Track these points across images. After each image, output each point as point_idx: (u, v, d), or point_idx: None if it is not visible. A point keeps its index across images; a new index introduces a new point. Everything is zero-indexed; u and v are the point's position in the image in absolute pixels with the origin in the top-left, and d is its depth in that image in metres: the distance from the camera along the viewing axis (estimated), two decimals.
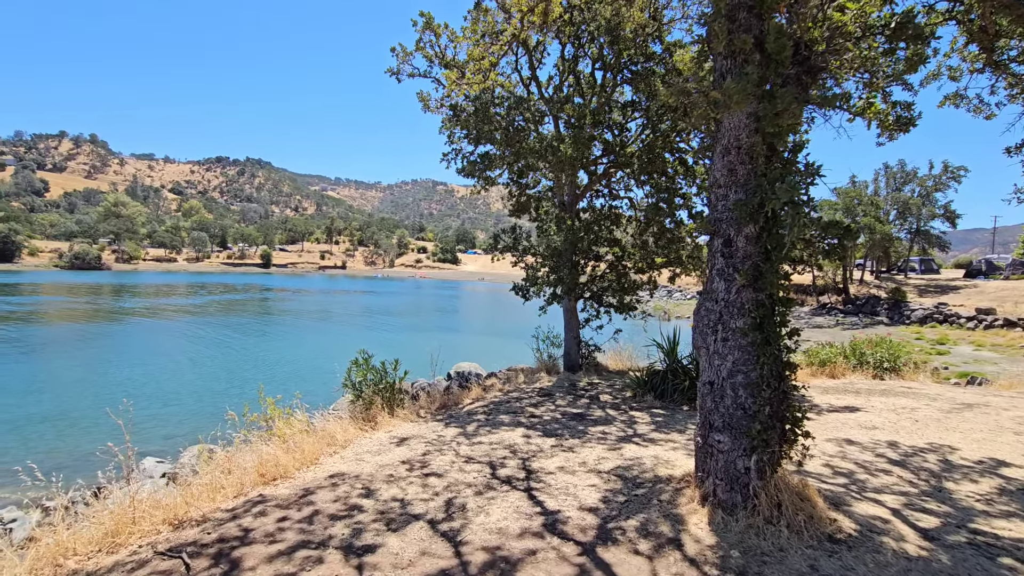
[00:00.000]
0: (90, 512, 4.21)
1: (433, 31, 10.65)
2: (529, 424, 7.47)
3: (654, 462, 5.73)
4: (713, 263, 4.36)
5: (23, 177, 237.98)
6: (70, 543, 3.64)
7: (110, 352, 24.78)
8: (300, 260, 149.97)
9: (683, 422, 7.78)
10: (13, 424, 14.05)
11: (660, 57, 11.19)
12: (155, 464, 8.01)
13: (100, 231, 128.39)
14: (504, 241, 13.91)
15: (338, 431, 6.43)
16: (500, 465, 5.51)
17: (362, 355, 8.62)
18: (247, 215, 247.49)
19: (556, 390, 10.61)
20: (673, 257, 12.27)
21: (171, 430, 14.24)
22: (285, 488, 4.80)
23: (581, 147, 9.32)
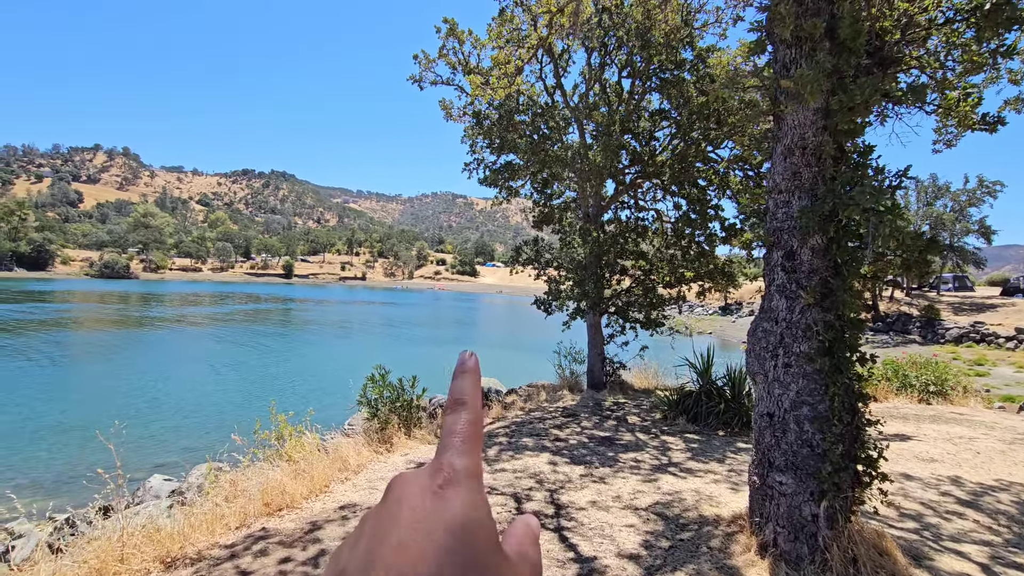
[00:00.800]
0: (77, 546, 3.84)
1: (457, 37, 10.38)
2: (555, 449, 6.95)
3: (696, 498, 5.17)
4: (772, 278, 3.86)
5: (59, 188, 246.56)
6: None
7: (134, 361, 24.90)
8: (321, 271, 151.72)
9: (721, 450, 7.19)
10: (35, 432, 13.98)
11: (691, 63, 10.74)
12: (163, 482, 7.69)
13: (129, 241, 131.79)
14: (526, 253, 13.50)
15: (351, 454, 6.01)
16: (526, 498, 5.02)
17: (378, 371, 8.22)
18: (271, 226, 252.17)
19: (581, 410, 10.07)
20: (704, 272, 11.70)
21: (190, 442, 14.01)
22: (291, 521, 4.38)
23: (610, 155, 8.88)
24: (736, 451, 7.16)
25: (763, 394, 3.87)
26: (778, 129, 3.79)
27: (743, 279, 13.30)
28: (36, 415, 15.48)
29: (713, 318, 55.50)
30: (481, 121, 10.35)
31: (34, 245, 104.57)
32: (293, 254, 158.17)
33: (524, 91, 11.76)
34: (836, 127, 3.46)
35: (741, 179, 10.88)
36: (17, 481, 11.39)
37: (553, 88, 11.97)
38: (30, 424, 14.65)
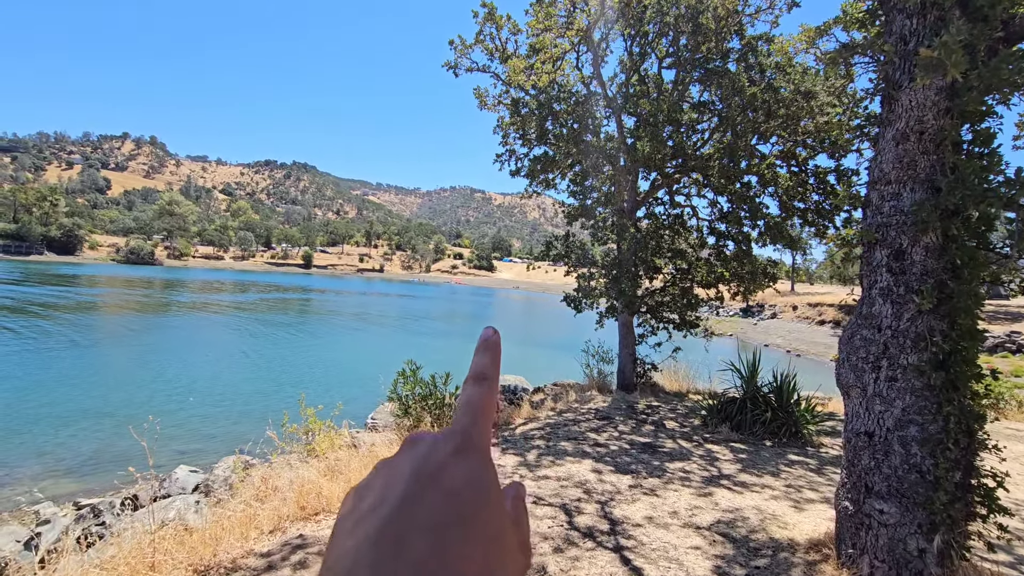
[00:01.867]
0: (105, 549, 3.58)
1: (495, 23, 10.01)
2: (596, 455, 6.58)
3: (759, 517, 4.76)
4: (873, 280, 3.43)
5: (88, 175, 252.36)
6: None
7: (158, 347, 25.12)
8: (340, 262, 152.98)
9: (772, 462, 6.75)
10: (61, 416, 14.04)
11: (740, 53, 10.22)
12: (189, 474, 7.51)
13: (155, 228, 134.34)
14: (556, 249, 13.10)
15: (385, 454, 5.71)
16: (576, 510, 4.66)
17: (409, 366, 7.93)
18: (291, 217, 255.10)
19: (614, 412, 9.67)
20: (745, 272, 11.19)
21: (213, 429, 13.96)
22: (328, 527, 4.08)
23: (658, 145, 8.44)
24: (789, 464, 6.71)
25: (859, 410, 3.44)
26: (888, 112, 3.34)
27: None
28: (62, 399, 15.57)
29: (734, 320, 54.55)
30: (519, 109, 9.97)
31: (64, 230, 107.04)
32: (312, 245, 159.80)
33: (559, 81, 11.36)
34: (963, 109, 3.01)
35: (789, 175, 10.35)
36: (44, 464, 11.40)
37: (590, 79, 11.53)
38: (56, 407, 14.73)
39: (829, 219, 10.65)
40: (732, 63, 10.59)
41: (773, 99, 9.35)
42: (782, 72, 9.62)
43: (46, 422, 13.54)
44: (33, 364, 19.37)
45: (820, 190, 10.81)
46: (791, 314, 50.05)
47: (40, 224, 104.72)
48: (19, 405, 14.52)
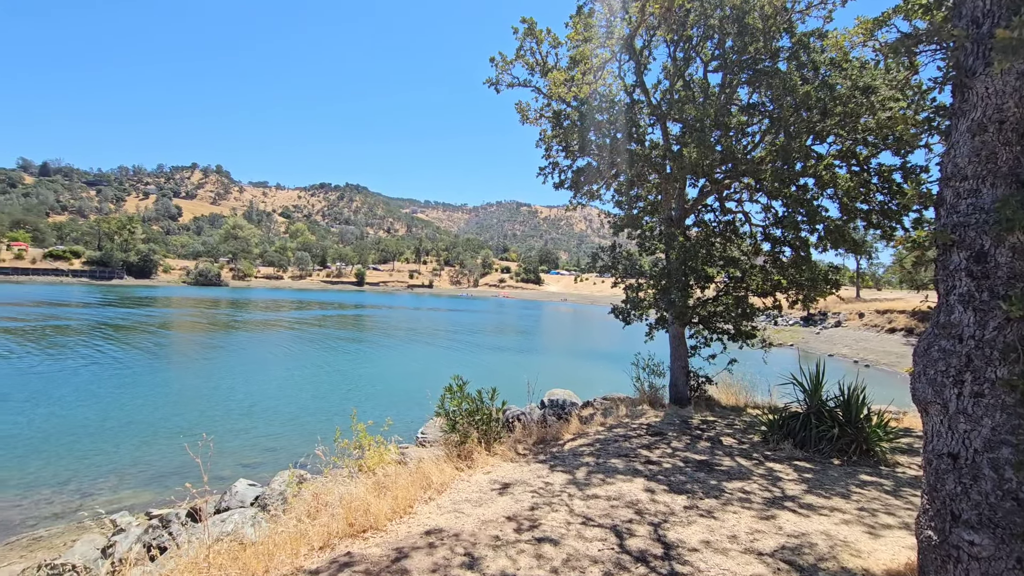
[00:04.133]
0: (165, 563, 3.71)
1: (535, 37, 10.06)
2: (648, 473, 6.33)
3: (829, 543, 4.41)
4: (951, 286, 3.12)
5: (162, 204, 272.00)
6: None
7: (223, 362, 26.47)
8: (391, 279, 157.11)
9: (842, 483, 6.27)
10: (141, 433, 14.95)
11: (791, 51, 9.81)
12: (247, 488, 7.77)
13: (221, 251, 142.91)
14: (603, 260, 12.90)
15: (433, 471, 5.70)
16: (627, 532, 4.46)
17: (456, 381, 7.93)
18: (344, 236, 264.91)
19: (667, 428, 9.32)
20: (804, 279, 10.61)
21: (272, 442, 14.50)
22: (376, 546, 4.08)
23: (705, 151, 8.17)
24: (861, 485, 6.22)
25: (940, 428, 3.12)
26: (961, 102, 3.06)
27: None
28: (141, 415, 16.59)
29: (794, 329, 52.04)
30: (561, 121, 9.93)
31: (141, 255, 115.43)
32: (365, 263, 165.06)
33: (601, 92, 11.26)
34: None
35: (849, 176, 9.78)
36: (123, 476, 12.13)
37: (633, 87, 11.37)
38: (135, 424, 15.70)
39: (896, 220, 9.97)
40: (782, 62, 10.19)
41: (828, 97, 8.89)
42: (837, 68, 9.15)
43: (126, 437, 14.45)
44: (115, 383, 20.81)
45: (885, 190, 10.16)
46: (857, 322, 47.18)
47: (121, 251, 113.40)
48: (103, 421, 15.58)
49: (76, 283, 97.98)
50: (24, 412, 15.98)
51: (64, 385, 19.60)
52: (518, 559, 3.91)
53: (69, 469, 12.24)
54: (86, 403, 17.31)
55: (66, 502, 10.87)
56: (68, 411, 16.35)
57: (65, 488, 11.39)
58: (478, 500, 5.15)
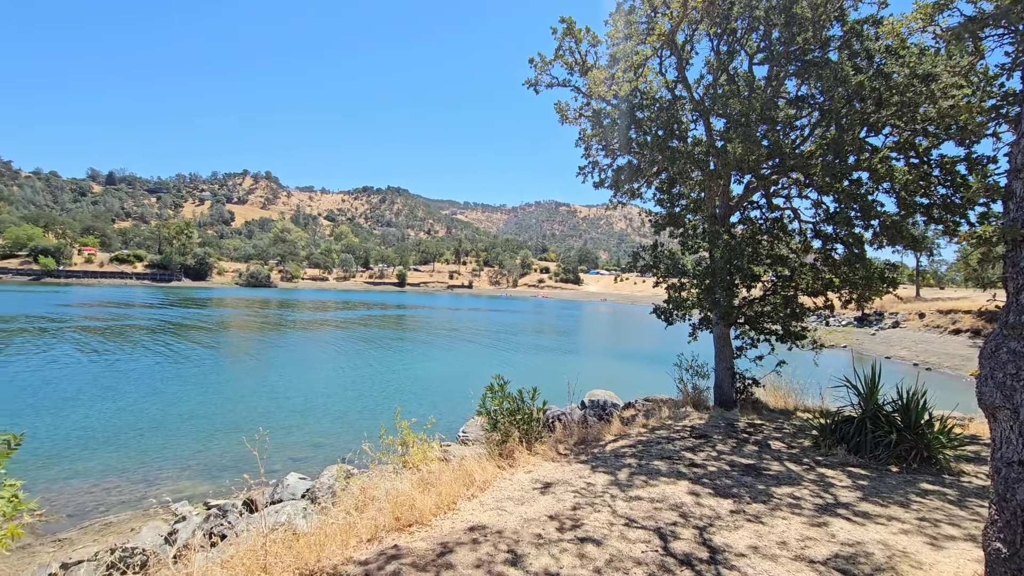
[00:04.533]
0: (226, 549, 3.93)
1: (574, 36, 10.03)
2: (693, 476, 6.22)
3: (886, 553, 4.23)
4: (1021, 284, 2.95)
5: (216, 210, 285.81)
6: None
7: (274, 360, 27.59)
8: (431, 279, 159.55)
9: (900, 490, 5.98)
10: (199, 427, 15.78)
11: (843, 40, 9.42)
12: (298, 481, 8.09)
13: (270, 254, 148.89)
14: (644, 259, 12.72)
15: (476, 469, 5.79)
16: (671, 535, 4.41)
17: (497, 381, 8.01)
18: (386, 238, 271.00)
19: (712, 431, 9.12)
20: (858, 278, 10.15)
21: (319, 438, 15.01)
22: (421, 540, 4.19)
23: (751, 146, 7.95)
24: (922, 493, 5.91)
25: (1010, 435, 2.95)
26: None
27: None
28: (198, 410, 17.49)
29: (847, 330, 49.82)
30: (601, 120, 9.87)
31: (197, 259, 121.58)
32: (406, 264, 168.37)
33: (642, 89, 11.12)
34: None
35: (907, 168, 9.29)
36: (183, 467, 12.84)
37: (675, 83, 11.18)
38: (194, 418, 16.58)
39: (960, 215, 9.40)
40: (833, 52, 9.79)
41: (884, 86, 8.48)
42: (893, 56, 8.72)
43: (186, 431, 15.29)
44: (177, 379, 22.02)
45: (947, 183, 9.59)
46: (917, 322, 44.67)
47: (179, 254, 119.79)
48: (165, 416, 16.52)
49: (139, 285, 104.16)
50: (96, 407, 17.12)
51: (132, 381, 20.88)
52: (561, 558, 3.93)
53: (135, 460, 13.05)
54: (150, 398, 18.39)
55: (132, 490, 11.60)
56: (135, 406, 17.41)
57: (131, 477, 12.15)
58: (520, 498, 5.20)
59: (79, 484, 11.72)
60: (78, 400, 17.68)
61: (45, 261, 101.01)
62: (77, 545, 9.40)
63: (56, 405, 17.01)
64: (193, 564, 3.57)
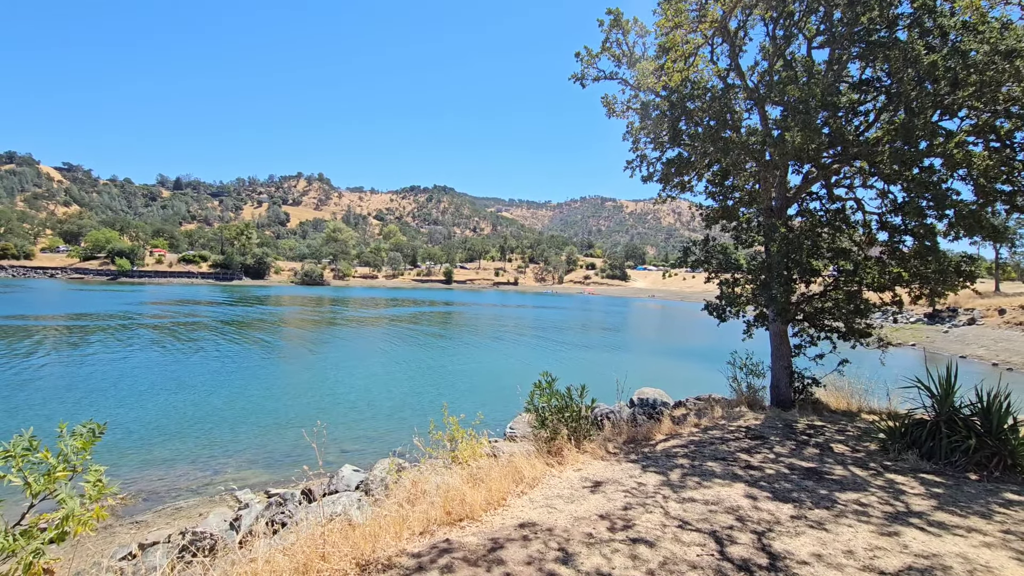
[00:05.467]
0: (287, 536, 4.10)
1: (622, 27, 9.84)
2: (749, 479, 6.00)
3: (967, 567, 3.93)
4: None
5: (272, 211, 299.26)
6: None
7: (328, 355, 28.64)
8: (477, 277, 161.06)
9: (981, 500, 5.56)
10: (261, 419, 16.59)
11: (912, 17, 8.80)
12: (352, 473, 8.36)
13: (323, 253, 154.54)
14: (695, 254, 12.35)
15: (524, 466, 5.80)
16: (727, 539, 4.27)
17: (545, 378, 7.99)
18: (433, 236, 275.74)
19: (768, 431, 8.77)
20: (930, 271, 9.49)
21: (372, 431, 15.50)
22: (472, 535, 4.23)
23: (811, 134, 7.55)
24: (1006, 504, 5.48)
25: None
26: None
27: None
28: (260, 404, 18.38)
29: (916, 327, 46.90)
30: (649, 112, 9.64)
31: (256, 258, 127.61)
32: (452, 261, 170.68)
33: (692, 79, 10.78)
34: None
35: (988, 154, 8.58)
36: (245, 457, 13.52)
37: (727, 71, 10.77)
38: (256, 411, 17.43)
39: None
40: (901, 31, 9.16)
41: (960, 65, 7.86)
42: (971, 32, 8.07)
43: (248, 422, 16.11)
44: (239, 373, 23.22)
45: None
46: (996, 319, 41.46)
47: (239, 254, 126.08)
48: (228, 408, 17.46)
49: (204, 283, 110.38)
50: (168, 399, 18.29)
51: (199, 375, 22.18)
52: (612, 558, 3.88)
53: (202, 450, 13.85)
54: (216, 392, 19.47)
55: (200, 478, 12.32)
56: (202, 398, 18.48)
57: (199, 466, 12.90)
58: (570, 497, 5.17)
59: (153, 471, 12.56)
60: (152, 393, 18.93)
61: (121, 262, 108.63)
62: (152, 527, 10.08)
63: (132, 397, 18.28)
64: (257, 550, 3.74)
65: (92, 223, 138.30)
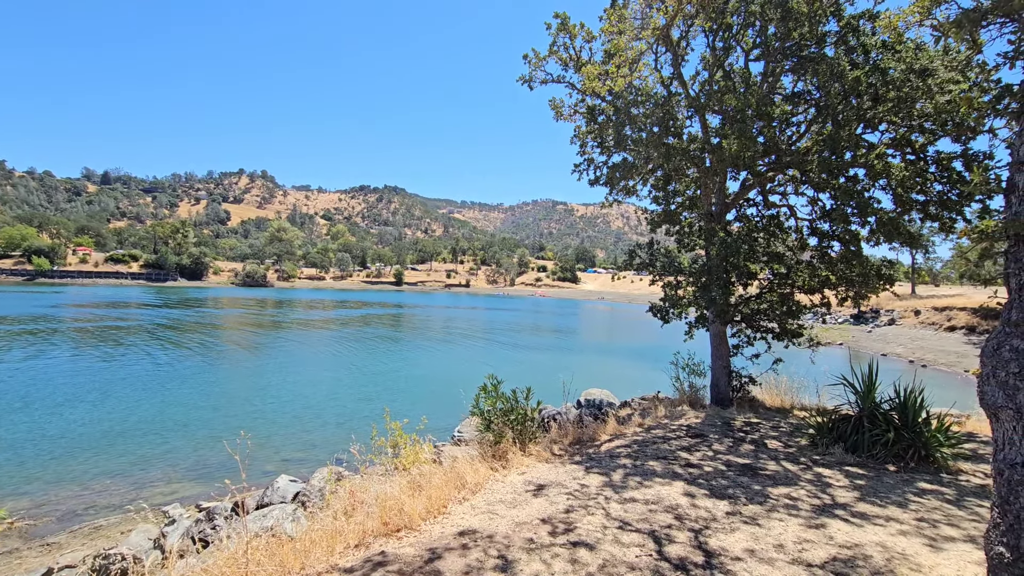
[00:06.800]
0: (207, 557, 3.81)
1: (568, 32, 9.91)
2: (688, 477, 6.13)
3: (885, 556, 4.14)
4: None
5: (212, 209, 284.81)
6: None
7: (269, 359, 27.40)
8: (428, 279, 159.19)
9: (898, 490, 5.90)
10: (193, 427, 15.62)
11: (839, 35, 9.33)
12: (288, 483, 7.97)
13: (266, 253, 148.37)
14: (640, 257, 12.62)
15: (468, 471, 5.67)
16: (666, 538, 4.31)
17: (491, 381, 7.91)
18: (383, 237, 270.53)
19: (708, 430, 9.04)
20: (855, 275, 10.08)
21: (311, 437, 14.90)
22: (409, 545, 4.07)
23: (747, 143, 7.85)
24: (919, 493, 5.84)
25: (1014, 436, 2.86)
26: None
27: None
28: (194, 411, 17.32)
29: (843, 328, 49.92)
30: (595, 116, 9.76)
31: (193, 258, 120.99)
32: (403, 263, 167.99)
33: (636, 85, 11.01)
34: None
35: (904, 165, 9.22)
36: (174, 468, 12.69)
37: (670, 79, 11.07)
38: (189, 419, 16.42)
39: (957, 211, 9.33)
40: (829, 48, 9.71)
41: (880, 81, 8.40)
42: (890, 51, 8.64)
43: (180, 432, 15.14)
44: (171, 380, 21.83)
45: (944, 179, 9.52)
46: (913, 319, 44.81)
47: (174, 254, 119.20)
48: (159, 417, 16.36)
49: (134, 285, 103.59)
50: (89, 408, 16.95)
51: (125, 383, 20.69)
52: (552, 563, 3.82)
53: (127, 462, 12.90)
54: (144, 400, 18.22)
55: (124, 493, 11.46)
56: (127, 407, 17.24)
57: (124, 480, 12.00)
58: (512, 501, 5.09)
59: (69, 488, 11.57)
60: (70, 404, 17.50)
61: (39, 261, 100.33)
62: (66, 549, 9.25)
63: (47, 407, 16.83)
64: (173, 572, 3.45)
65: (5, 219, 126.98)
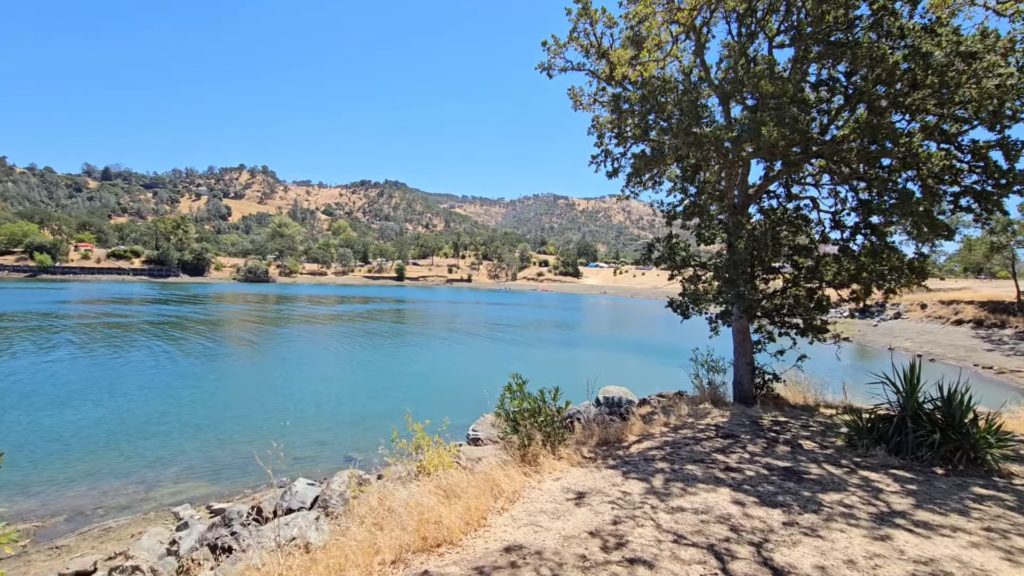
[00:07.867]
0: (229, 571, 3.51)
1: (590, 17, 9.54)
2: (732, 483, 5.82)
3: (965, 572, 3.83)
4: None
5: (212, 204, 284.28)
6: None
7: (275, 356, 27.15)
8: (430, 273, 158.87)
9: (954, 496, 5.59)
10: (200, 425, 15.37)
11: (873, 18, 8.94)
12: (307, 487, 7.68)
13: (268, 249, 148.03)
14: (659, 251, 12.28)
15: (501, 477, 5.37)
16: (727, 554, 4.01)
17: (515, 380, 7.59)
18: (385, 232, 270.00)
19: (738, 429, 8.74)
20: (886, 269, 9.73)
21: (325, 436, 14.64)
22: (453, 563, 3.77)
23: (785, 129, 7.49)
24: (977, 499, 5.53)
25: None
26: None
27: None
28: (200, 408, 17.07)
29: (849, 322, 49.62)
30: (619, 105, 9.39)
31: (195, 254, 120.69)
32: (405, 258, 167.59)
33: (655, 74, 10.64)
34: None
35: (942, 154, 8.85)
36: (183, 466, 12.43)
37: (690, 67, 10.70)
38: (194, 416, 16.15)
39: (994, 203, 8.96)
40: (859, 31, 9.32)
41: (920, 66, 8.02)
42: (930, 34, 8.26)
43: (188, 429, 14.88)
44: (177, 377, 21.57)
45: (978, 169, 9.15)
46: (919, 313, 44.52)
47: (176, 249, 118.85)
48: (164, 417, 16.09)
49: (136, 280, 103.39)
50: (95, 407, 16.69)
51: (130, 380, 20.45)
52: None
53: (135, 461, 12.65)
54: (152, 398, 17.97)
55: (132, 493, 11.21)
56: (133, 405, 16.99)
57: (132, 479, 11.75)
58: (554, 512, 4.79)
59: (77, 487, 11.33)
60: (76, 401, 17.25)
61: (41, 258, 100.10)
62: (75, 552, 9.00)
63: (53, 406, 16.58)
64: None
65: (7, 215, 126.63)
